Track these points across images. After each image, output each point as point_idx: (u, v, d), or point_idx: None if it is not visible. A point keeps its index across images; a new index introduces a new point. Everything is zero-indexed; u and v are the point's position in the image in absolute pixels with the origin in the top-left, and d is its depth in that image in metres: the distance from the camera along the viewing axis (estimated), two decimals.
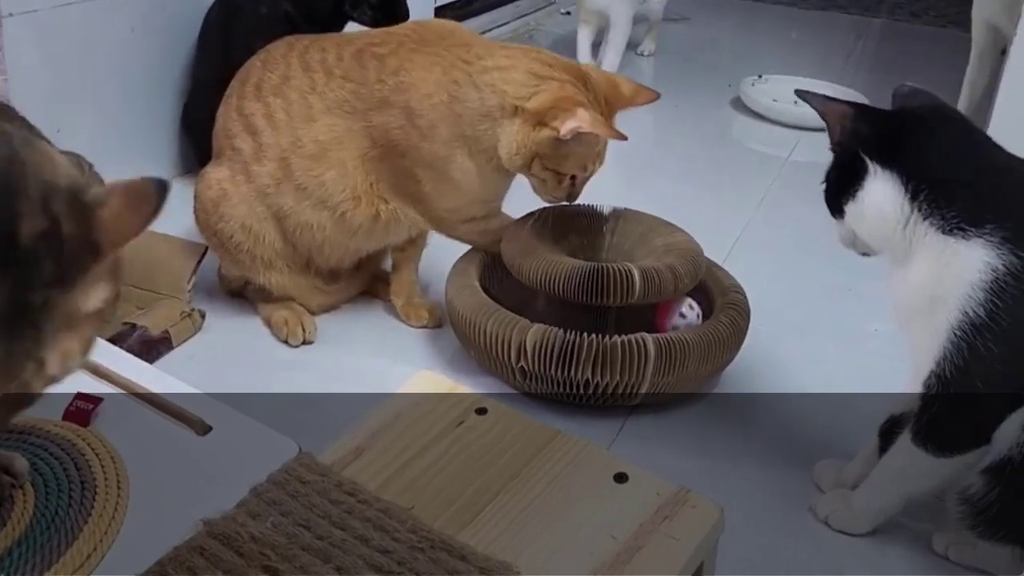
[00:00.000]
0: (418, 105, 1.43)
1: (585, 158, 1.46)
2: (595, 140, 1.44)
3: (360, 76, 1.46)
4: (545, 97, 1.40)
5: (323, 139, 1.46)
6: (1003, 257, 1.03)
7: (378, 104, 1.45)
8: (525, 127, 1.41)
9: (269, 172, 1.48)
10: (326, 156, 1.46)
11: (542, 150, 1.41)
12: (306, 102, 1.46)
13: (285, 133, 1.47)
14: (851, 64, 3.40)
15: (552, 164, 1.44)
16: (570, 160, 1.44)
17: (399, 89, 1.44)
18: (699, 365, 1.41)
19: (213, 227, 1.52)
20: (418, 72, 1.44)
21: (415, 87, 1.44)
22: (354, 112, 1.46)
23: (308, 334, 1.55)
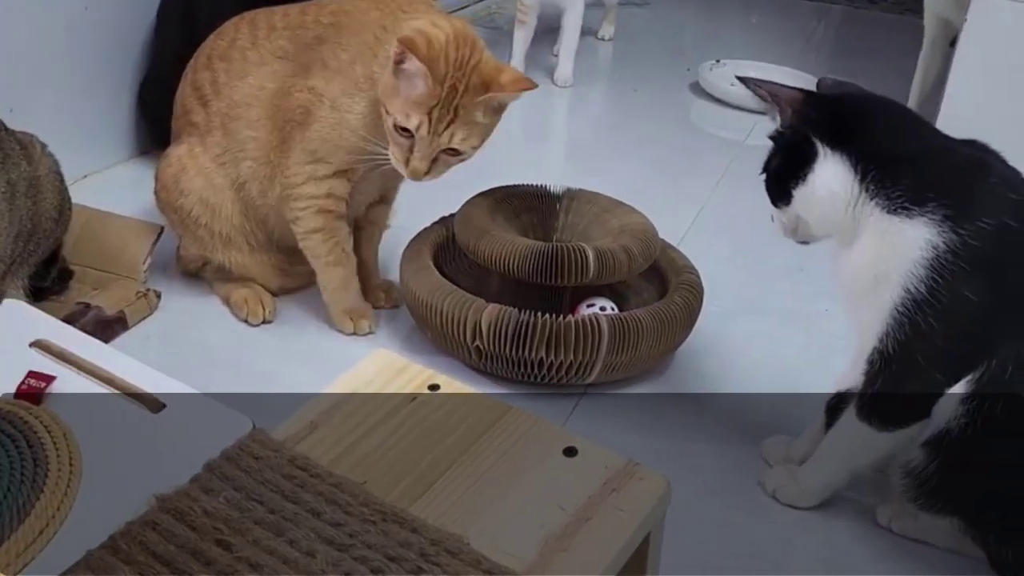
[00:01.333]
0: (347, 40, 1.41)
1: (407, 102, 1.33)
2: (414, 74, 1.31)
3: (299, 22, 1.46)
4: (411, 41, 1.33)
5: (247, 92, 1.46)
6: (944, 235, 1.05)
7: (312, 42, 1.44)
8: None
9: (217, 140, 1.48)
10: (248, 112, 1.46)
11: (385, 79, 1.35)
12: (244, 58, 1.46)
13: (224, 95, 1.47)
14: (810, 49, 3.43)
15: (384, 95, 1.35)
16: (396, 101, 1.34)
17: (333, 25, 1.43)
18: (652, 345, 1.43)
19: (173, 204, 1.51)
20: (355, 13, 1.43)
21: (348, 26, 1.42)
22: (285, 56, 1.45)
23: (268, 313, 1.55)
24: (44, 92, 1.79)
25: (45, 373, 1.06)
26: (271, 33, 1.46)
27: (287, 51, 1.45)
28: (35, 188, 1.38)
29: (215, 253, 1.54)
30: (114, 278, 1.52)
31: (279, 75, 1.45)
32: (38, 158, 1.41)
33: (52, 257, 1.47)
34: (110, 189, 1.87)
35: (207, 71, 1.49)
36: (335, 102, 1.41)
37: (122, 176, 1.95)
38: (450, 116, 1.34)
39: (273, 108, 1.45)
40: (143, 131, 2.02)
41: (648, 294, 1.60)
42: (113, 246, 1.56)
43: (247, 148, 1.47)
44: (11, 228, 1.32)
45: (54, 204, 1.42)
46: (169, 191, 1.51)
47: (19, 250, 1.36)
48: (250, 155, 1.47)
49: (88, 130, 1.90)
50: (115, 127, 1.98)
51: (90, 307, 1.43)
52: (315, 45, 1.43)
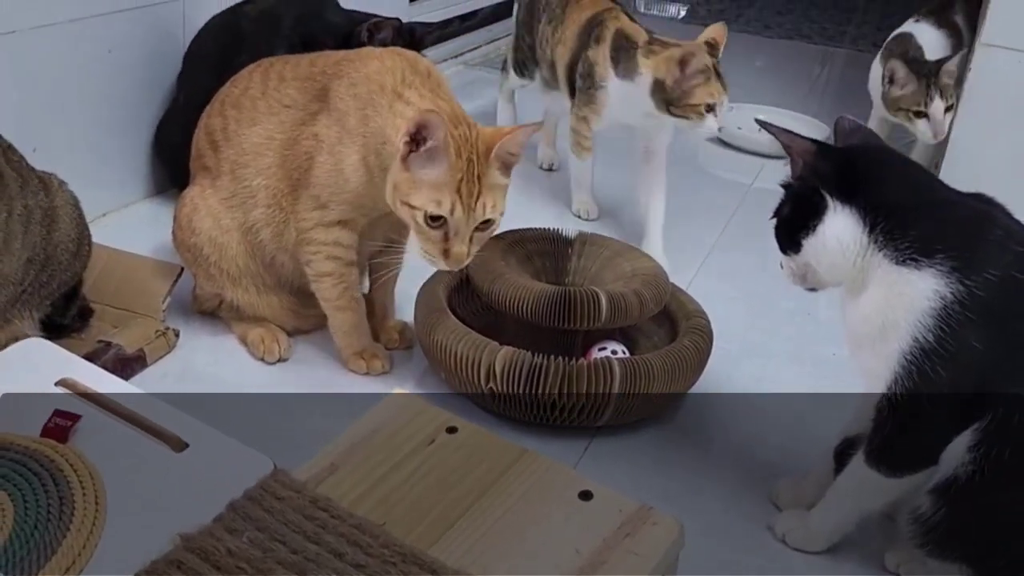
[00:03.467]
0: (344, 92, 1.43)
1: (437, 187, 1.30)
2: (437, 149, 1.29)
3: (307, 73, 1.49)
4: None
5: (257, 141, 1.49)
6: (951, 286, 1.07)
7: (318, 93, 1.47)
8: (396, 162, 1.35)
9: (226, 184, 1.52)
10: (257, 160, 1.49)
11: (396, 178, 1.34)
12: (254, 107, 1.50)
13: (234, 143, 1.51)
14: (815, 93, 3.48)
15: (403, 195, 1.33)
16: (420, 190, 1.31)
17: (335, 75, 1.45)
18: (663, 387, 1.44)
19: (187, 242, 1.55)
20: (360, 69, 1.45)
21: (348, 75, 1.44)
22: (293, 106, 1.48)
23: (283, 351, 1.57)
24: (66, 132, 1.82)
25: (71, 412, 1.08)
26: (280, 83, 1.50)
27: (296, 100, 1.48)
28: (51, 218, 1.41)
29: (226, 290, 1.57)
30: (134, 316, 1.55)
31: (287, 124, 1.48)
32: (55, 190, 1.44)
33: (72, 294, 1.50)
34: (128, 227, 1.90)
35: (219, 117, 1.53)
36: (332, 148, 1.44)
37: (139, 214, 1.98)
38: (477, 187, 1.31)
39: (283, 156, 1.48)
40: (160, 171, 2.05)
41: (658, 337, 1.63)
42: (133, 285, 1.58)
43: (258, 196, 1.50)
44: (23, 251, 1.35)
45: (71, 237, 1.45)
46: (183, 230, 1.55)
47: (31, 278, 1.39)
48: (261, 202, 1.51)
49: (107, 169, 1.94)
50: (133, 166, 2.01)
51: (111, 345, 1.46)
52: (322, 96, 1.47)
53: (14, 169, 1.36)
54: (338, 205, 1.46)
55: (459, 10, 3.39)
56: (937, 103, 2.32)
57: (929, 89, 2.32)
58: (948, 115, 2.34)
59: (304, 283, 1.56)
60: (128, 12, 1.88)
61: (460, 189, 1.31)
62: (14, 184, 1.34)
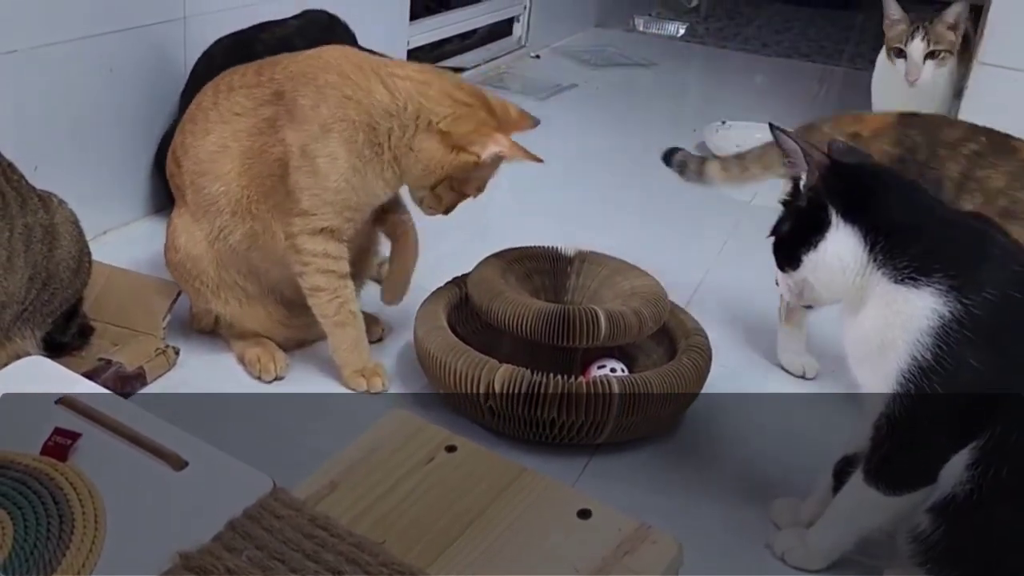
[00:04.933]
0: (304, 88, 1.44)
1: (486, 180, 1.53)
2: (499, 162, 1.49)
3: (255, 80, 1.50)
4: (466, 124, 1.44)
5: (212, 150, 1.50)
6: (949, 305, 1.08)
7: (270, 98, 1.48)
8: (444, 149, 1.45)
9: (192, 198, 1.53)
10: (213, 167, 1.50)
11: (457, 173, 1.47)
12: (207, 118, 1.51)
13: (191, 155, 1.52)
14: (814, 111, 3.48)
15: (459, 186, 1.50)
16: (474, 182, 1.52)
17: (290, 78, 1.47)
18: (662, 406, 1.45)
19: (172, 261, 1.57)
20: (314, 63, 1.47)
21: (306, 75, 1.45)
22: (242, 114, 1.49)
23: (279, 369, 1.58)
24: (67, 150, 1.83)
25: (71, 430, 1.08)
26: (230, 92, 1.51)
27: (245, 107, 1.49)
28: (51, 235, 1.42)
29: (211, 303, 1.58)
30: (134, 334, 1.55)
31: (241, 132, 1.48)
32: (55, 208, 1.45)
33: (72, 312, 1.50)
34: (128, 245, 1.90)
35: (180, 135, 1.55)
36: (305, 149, 1.44)
37: (140, 233, 1.99)
38: None
39: (244, 164, 1.49)
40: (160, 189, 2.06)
41: (657, 355, 1.63)
42: (134, 303, 1.59)
43: (219, 202, 1.50)
44: (26, 269, 1.36)
45: (72, 254, 1.46)
46: (169, 250, 1.57)
47: (33, 297, 1.39)
48: (225, 209, 1.51)
49: (108, 187, 1.95)
50: (134, 185, 2.02)
51: (111, 363, 1.46)
52: (274, 100, 1.47)
53: (14, 188, 1.37)
54: (320, 209, 1.46)
55: (457, 29, 3.41)
56: (917, 43, 2.33)
57: (916, 30, 2.34)
58: (932, 63, 2.33)
59: (293, 292, 1.57)
60: (129, 31, 1.90)
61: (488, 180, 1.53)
62: (15, 203, 1.35)
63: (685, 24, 4.45)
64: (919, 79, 2.37)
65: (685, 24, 4.45)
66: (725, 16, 4.97)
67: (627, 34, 4.30)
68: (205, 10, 2.05)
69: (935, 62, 2.37)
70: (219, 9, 2.09)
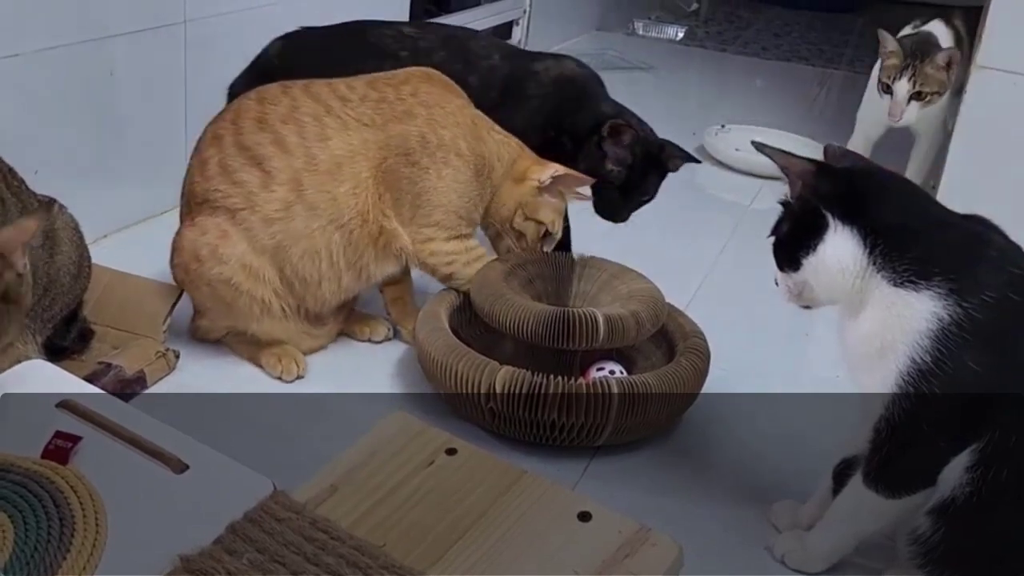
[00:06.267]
0: (442, 119, 1.59)
1: (555, 211, 1.67)
2: (570, 185, 1.68)
3: (378, 96, 1.59)
4: (524, 163, 1.67)
5: (339, 153, 1.54)
6: (949, 308, 1.08)
7: (401, 115, 1.57)
8: (512, 184, 1.66)
9: (279, 196, 1.51)
10: (341, 170, 1.53)
11: (525, 199, 1.65)
12: (320, 123, 1.54)
13: (298, 154, 1.52)
14: (813, 114, 3.50)
15: (532, 213, 1.66)
16: (545, 210, 1.66)
17: (424, 104, 1.59)
18: (661, 408, 1.45)
19: (206, 276, 1.52)
20: (440, 95, 1.62)
21: (440, 105, 1.61)
22: (373, 125, 1.56)
23: (302, 369, 1.59)
24: (68, 154, 1.83)
25: (71, 433, 1.08)
26: (346, 104, 1.56)
27: (374, 120, 1.57)
28: (52, 241, 1.42)
29: (250, 322, 1.56)
30: (134, 338, 1.55)
31: (371, 143, 1.56)
32: (55, 214, 1.45)
33: (72, 316, 1.51)
34: (128, 249, 1.90)
35: (263, 133, 1.52)
36: (440, 172, 1.58)
37: (140, 236, 1.99)
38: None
39: (374, 173, 1.56)
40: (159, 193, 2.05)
41: (656, 358, 1.63)
42: (134, 307, 1.59)
43: (344, 203, 1.54)
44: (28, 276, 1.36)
45: (72, 259, 1.46)
46: (202, 262, 1.52)
47: (33, 302, 1.39)
48: (348, 208, 1.54)
49: (108, 191, 1.94)
50: (134, 188, 2.02)
51: (111, 366, 1.46)
52: (404, 119, 1.57)
53: (14, 194, 1.36)
54: (451, 222, 1.62)
55: None
56: (903, 83, 2.32)
57: (905, 68, 2.32)
58: (916, 104, 2.32)
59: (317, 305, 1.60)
60: (130, 35, 1.90)
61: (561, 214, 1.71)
62: (15, 209, 1.35)
63: (684, 27, 4.45)
64: (900, 120, 2.36)
65: (684, 27, 4.45)
66: (724, 19, 4.98)
67: (627, 37, 4.31)
68: (205, 14, 2.06)
69: (920, 103, 2.35)
70: (219, 13, 2.09)
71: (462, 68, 1.78)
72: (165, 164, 2.04)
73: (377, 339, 1.71)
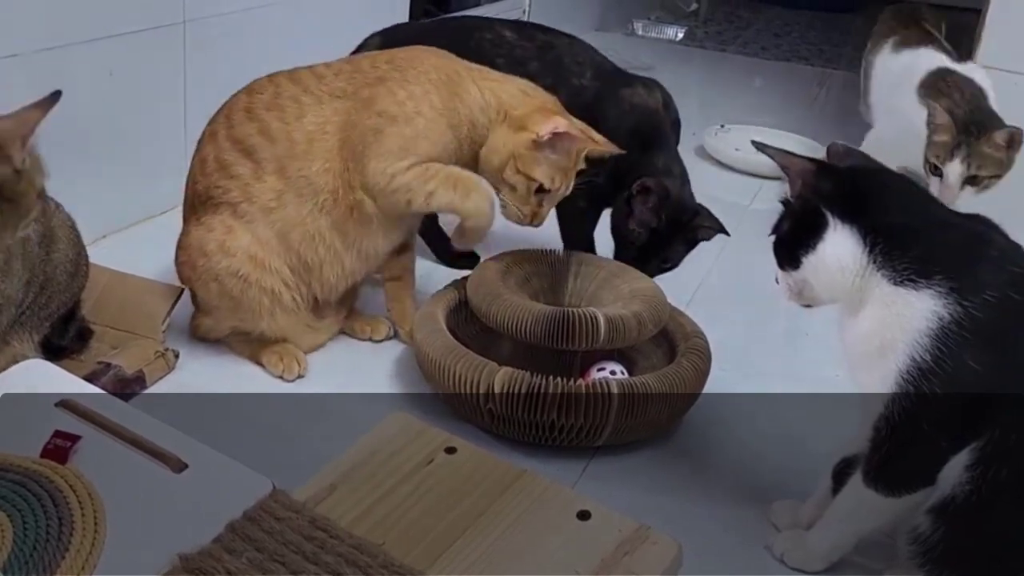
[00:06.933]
0: (413, 77, 1.54)
1: (555, 168, 1.55)
2: (569, 148, 1.54)
3: (353, 67, 1.57)
4: (528, 106, 1.56)
5: (311, 129, 1.52)
6: (949, 307, 1.08)
7: (373, 81, 1.54)
8: (508, 130, 1.55)
9: (271, 186, 1.52)
10: (312, 147, 1.52)
11: (519, 151, 1.54)
12: (298, 102, 1.53)
13: (281, 140, 1.52)
14: (812, 114, 3.49)
15: (525, 167, 1.54)
16: (542, 166, 1.54)
17: (396, 67, 1.55)
18: (662, 409, 1.45)
19: (214, 270, 1.52)
20: (416, 55, 1.58)
21: (412, 64, 1.56)
22: (343, 96, 1.54)
23: (302, 368, 1.59)
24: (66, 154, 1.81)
25: (71, 433, 1.09)
26: (321, 81, 1.55)
27: (345, 91, 1.54)
28: (48, 239, 1.42)
29: (258, 319, 1.56)
30: (133, 337, 1.55)
31: (340, 111, 1.53)
32: (51, 212, 1.45)
33: (71, 315, 1.50)
34: (128, 249, 1.90)
35: (251, 123, 1.52)
36: (408, 118, 1.52)
37: (139, 236, 1.99)
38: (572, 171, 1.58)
39: (341, 140, 1.52)
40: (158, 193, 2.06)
41: (656, 358, 1.63)
42: (133, 306, 1.59)
43: (317, 182, 1.52)
44: (23, 272, 1.36)
45: (69, 258, 1.46)
46: (210, 256, 1.52)
47: (30, 300, 1.39)
48: (325, 186, 1.52)
49: (107, 191, 1.94)
50: (132, 189, 2.02)
51: (110, 366, 1.46)
52: (375, 84, 1.54)
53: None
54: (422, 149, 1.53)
55: None
56: (955, 166, 1.98)
57: (958, 147, 1.98)
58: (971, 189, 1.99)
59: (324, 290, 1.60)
60: (129, 36, 1.90)
61: (568, 173, 1.57)
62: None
63: (684, 28, 4.45)
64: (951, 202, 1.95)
65: (684, 28, 4.45)
66: (724, 20, 4.97)
67: (626, 38, 4.30)
68: (205, 14, 2.06)
69: (976, 188, 2.01)
70: (219, 13, 2.09)
71: (553, 83, 1.75)
72: (165, 164, 2.04)
73: (378, 338, 1.72)
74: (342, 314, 1.70)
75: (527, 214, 1.59)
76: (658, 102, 1.85)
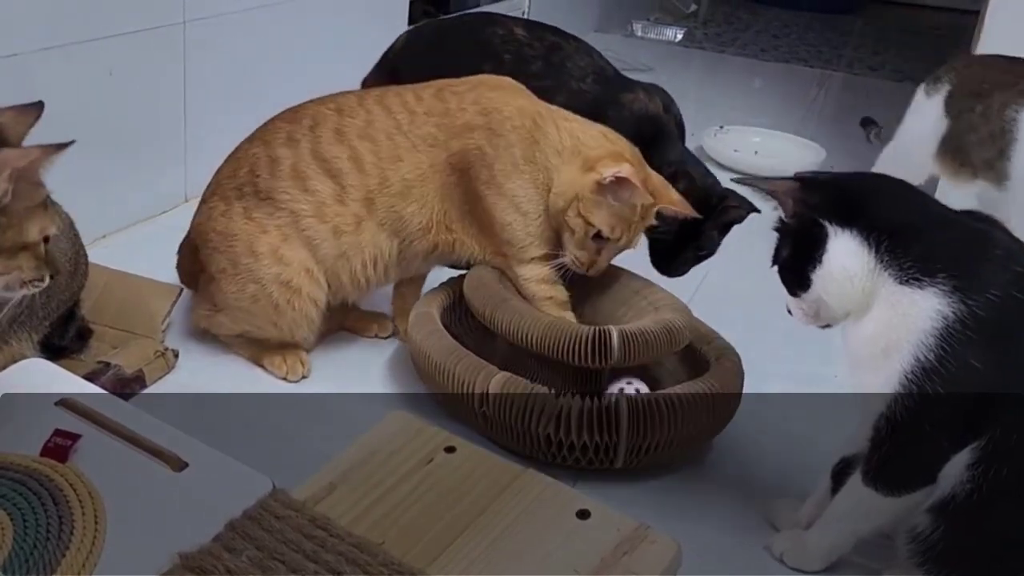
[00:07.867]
0: (499, 126, 1.54)
1: (616, 217, 1.51)
2: (630, 197, 1.50)
3: (442, 109, 1.56)
4: (604, 150, 1.53)
5: (409, 177, 1.54)
6: (953, 305, 1.08)
7: (460, 130, 1.55)
8: (577, 171, 1.52)
9: (353, 212, 1.53)
10: (410, 193, 1.54)
11: (583, 193, 1.50)
12: (393, 143, 1.54)
13: (373, 175, 1.53)
14: (811, 115, 3.50)
15: (585, 210, 1.51)
16: (602, 212, 1.51)
17: (482, 112, 1.55)
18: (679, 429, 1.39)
19: (259, 273, 1.52)
20: (501, 99, 1.56)
21: (498, 110, 1.55)
22: (436, 145, 1.55)
23: (306, 369, 1.59)
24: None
25: (71, 432, 1.09)
26: (414, 119, 1.55)
27: (436, 138, 1.55)
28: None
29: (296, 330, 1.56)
30: (133, 337, 1.55)
31: (437, 162, 1.54)
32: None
33: (70, 315, 1.50)
34: (128, 248, 1.90)
35: (341, 146, 1.53)
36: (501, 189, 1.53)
37: (139, 236, 1.99)
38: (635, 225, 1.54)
39: (436, 191, 1.55)
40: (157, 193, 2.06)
41: (681, 375, 1.58)
42: (132, 306, 1.59)
43: (410, 221, 1.55)
44: None
45: (68, 257, 1.46)
46: (260, 258, 1.51)
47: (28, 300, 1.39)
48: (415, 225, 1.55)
49: (107, 190, 1.94)
50: (131, 189, 2.02)
51: (110, 365, 1.46)
52: (464, 132, 1.54)
53: None
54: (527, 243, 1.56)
55: None
56: None
57: None
58: None
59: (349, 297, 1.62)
60: (129, 35, 1.90)
61: (632, 226, 1.53)
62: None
63: (683, 29, 4.46)
64: None
65: (683, 29, 4.46)
66: (723, 21, 4.98)
67: (625, 39, 4.31)
68: (205, 14, 2.06)
69: None
70: (219, 13, 2.09)
71: (552, 85, 1.75)
72: (165, 164, 2.05)
73: (384, 335, 1.73)
74: (341, 312, 1.70)
75: (584, 261, 1.55)
76: (659, 107, 1.85)
